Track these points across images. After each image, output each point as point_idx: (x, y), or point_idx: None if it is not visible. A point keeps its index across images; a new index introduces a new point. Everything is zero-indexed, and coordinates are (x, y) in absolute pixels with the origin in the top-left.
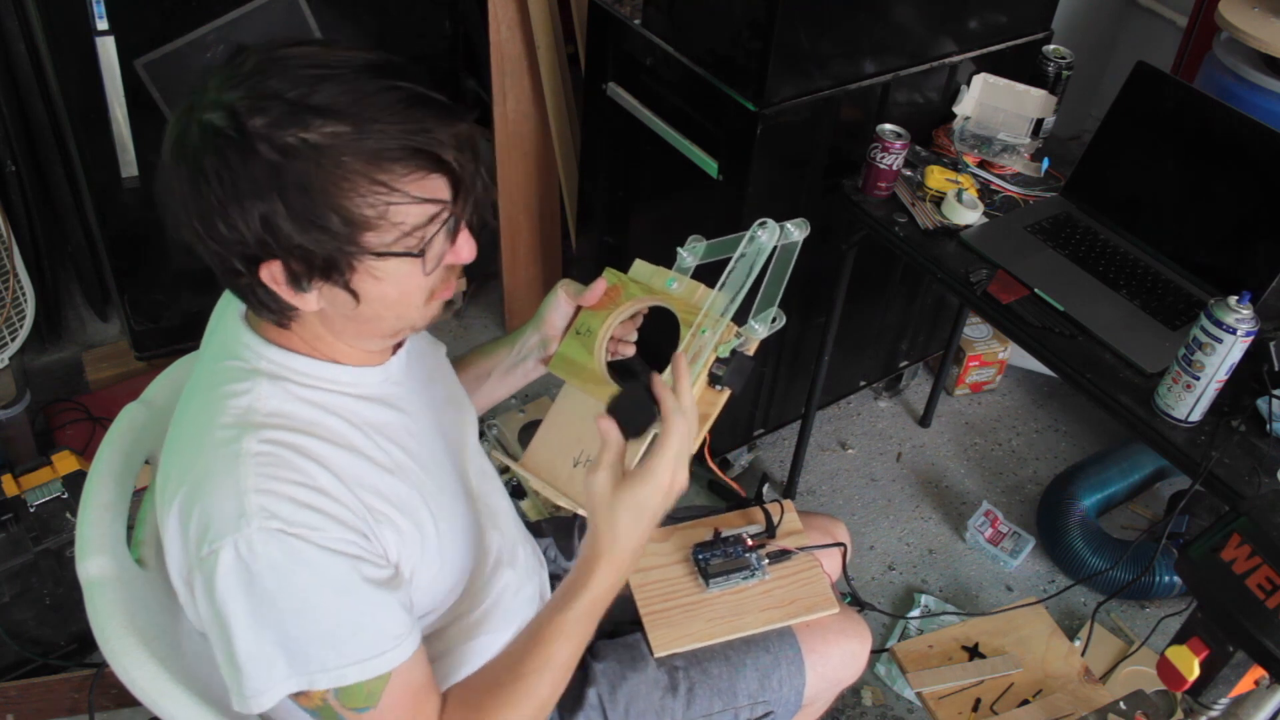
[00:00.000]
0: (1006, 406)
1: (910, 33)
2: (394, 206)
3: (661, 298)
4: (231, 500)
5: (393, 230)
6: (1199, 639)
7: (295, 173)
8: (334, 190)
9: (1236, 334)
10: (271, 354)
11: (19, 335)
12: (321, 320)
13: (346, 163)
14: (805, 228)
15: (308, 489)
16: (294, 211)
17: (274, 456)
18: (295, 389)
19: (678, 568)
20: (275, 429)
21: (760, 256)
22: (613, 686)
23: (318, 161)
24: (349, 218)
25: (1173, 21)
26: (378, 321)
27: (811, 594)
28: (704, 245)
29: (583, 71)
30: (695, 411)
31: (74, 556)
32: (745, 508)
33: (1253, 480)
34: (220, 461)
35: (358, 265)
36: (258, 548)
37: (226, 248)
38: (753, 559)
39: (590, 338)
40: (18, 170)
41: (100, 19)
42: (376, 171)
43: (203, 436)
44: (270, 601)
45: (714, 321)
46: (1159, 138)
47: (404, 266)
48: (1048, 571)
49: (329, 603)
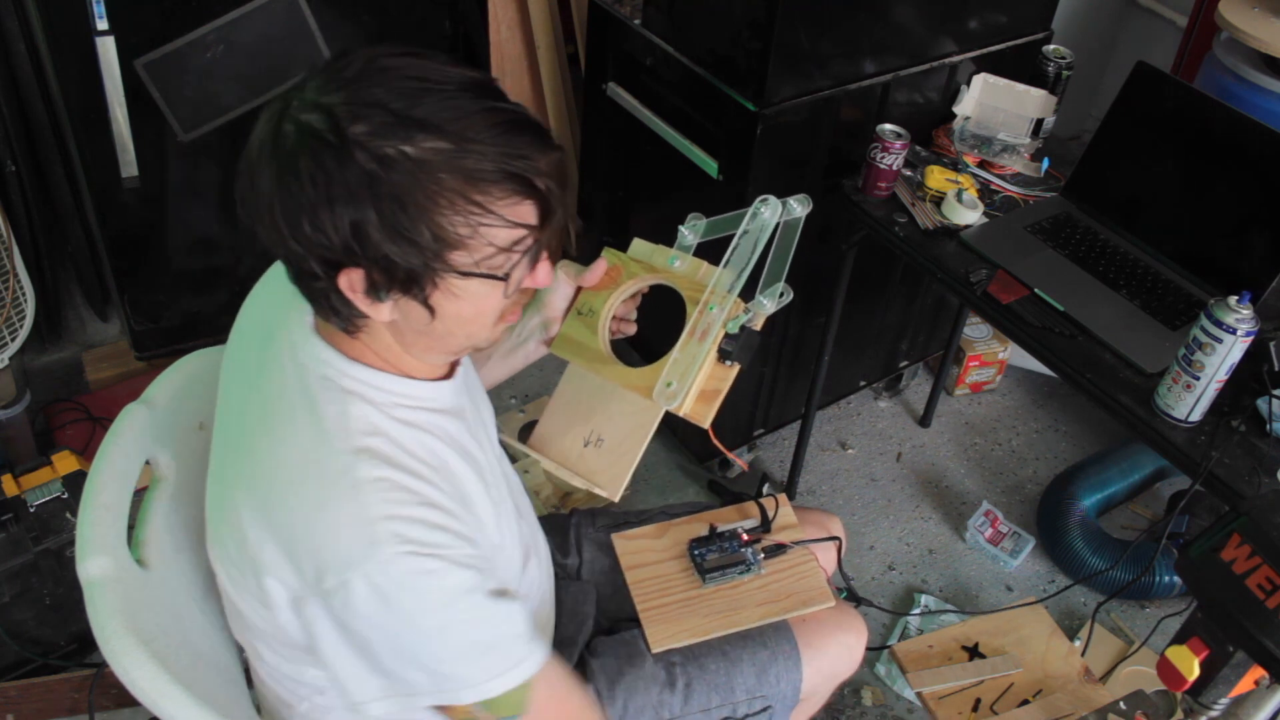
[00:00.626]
0: (1006, 406)
1: (910, 33)
2: (485, 228)
3: (664, 275)
4: (359, 529)
5: (480, 251)
6: (1199, 639)
7: (392, 184)
8: (429, 205)
9: (1236, 334)
10: (356, 372)
11: (19, 335)
12: (391, 331)
13: (443, 180)
14: (808, 204)
15: (430, 508)
16: (386, 222)
17: (391, 481)
18: (387, 409)
19: (674, 563)
20: (383, 454)
21: (764, 233)
22: (610, 683)
23: (415, 176)
24: (439, 234)
25: (1173, 21)
26: (448, 339)
27: (807, 588)
28: (705, 223)
29: (583, 71)
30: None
31: (74, 556)
32: (741, 502)
33: (1253, 480)
34: (337, 491)
35: (440, 282)
36: (393, 573)
37: (309, 249)
38: (748, 554)
39: (593, 318)
40: (18, 170)
41: (100, 19)
42: (473, 192)
43: (304, 462)
44: (410, 624)
45: (721, 298)
46: (1159, 138)
47: (484, 287)
48: (1048, 571)
49: (466, 617)
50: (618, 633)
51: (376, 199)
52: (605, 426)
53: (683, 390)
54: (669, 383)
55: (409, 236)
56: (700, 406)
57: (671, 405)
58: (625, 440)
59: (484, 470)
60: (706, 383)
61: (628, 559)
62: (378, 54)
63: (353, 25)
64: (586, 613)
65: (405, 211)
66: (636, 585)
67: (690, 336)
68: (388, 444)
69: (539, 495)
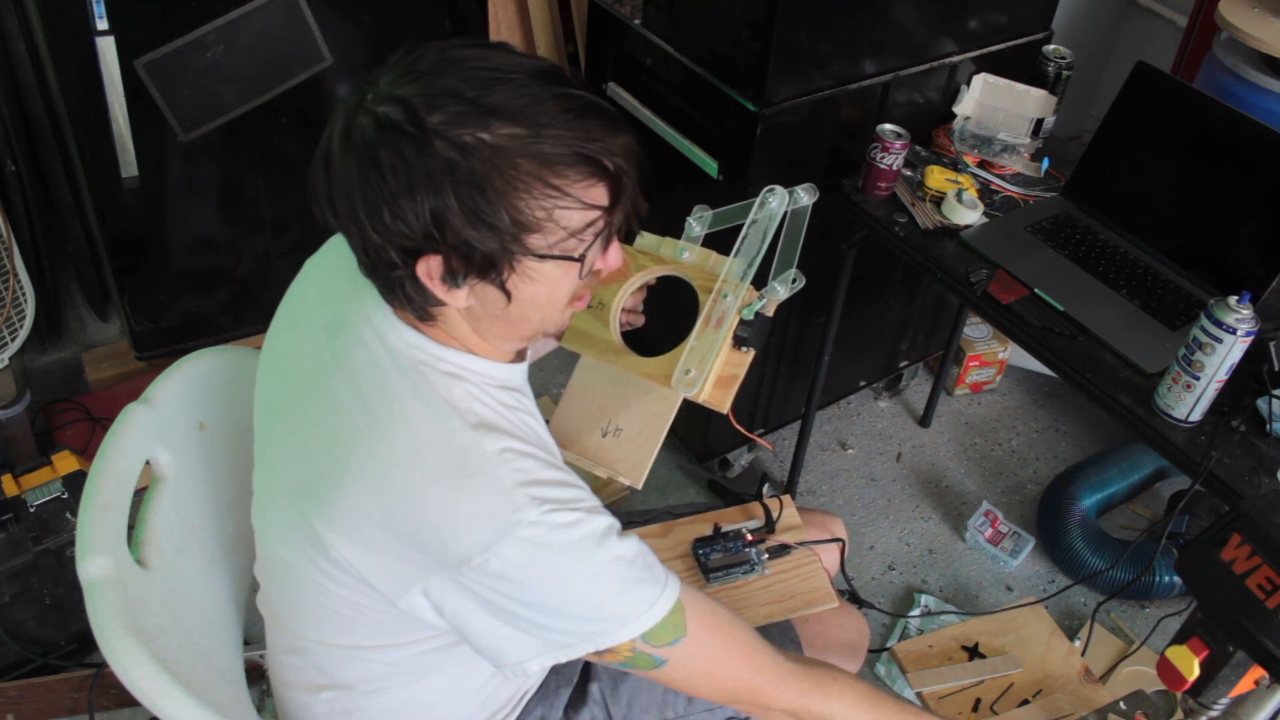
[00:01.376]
0: (1006, 406)
1: (910, 33)
2: (560, 210)
3: (674, 266)
4: (501, 499)
5: (555, 233)
6: (1199, 639)
7: (471, 170)
8: (506, 190)
9: (1236, 334)
10: (447, 355)
11: (19, 335)
12: (464, 316)
13: (520, 164)
14: (814, 192)
15: (553, 468)
16: (465, 208)
17: (515, 450)
18: (475, 389)
19: (678, 563)
20: (500, 428)
21: (772, 222)
22: (615, 682)
23: (493, 162)
24: (517, 218)
25: (1173, 21)
26: (522, 323)
27: (810, 589)
28: (711, 214)
29: (583, 71)
30: None
31: (74, 556)
32: (745, 503)
33: (1253, 480)
34: (471, 468)
35: (517, 265)
36: (539, 532)
37: (388, 239)
38: (752, 554)
39: (604, 310)
40: (18, 170)
41: (100, 19)
42: (549, 175)
43: (430, 445)
44: (566, 577)
45: (735, 286)
46: (1159, 138)
47: (559, 270)
48: (1048, 571)
49: (613, 558)
50: None
51: (456, 185)
52: (623, 416)
53: (701, 377)
54: (687, 370)
55: (488, 221)
56: (718, 392)
57: (691, 392)
58: (645, 429)
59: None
60: (723, 368)
61: None
62: (448, 47)
63: (353, 25)
64: None
65: (484, 196)
66: None
67: (706, 324)
68: (494, 420)
69: None
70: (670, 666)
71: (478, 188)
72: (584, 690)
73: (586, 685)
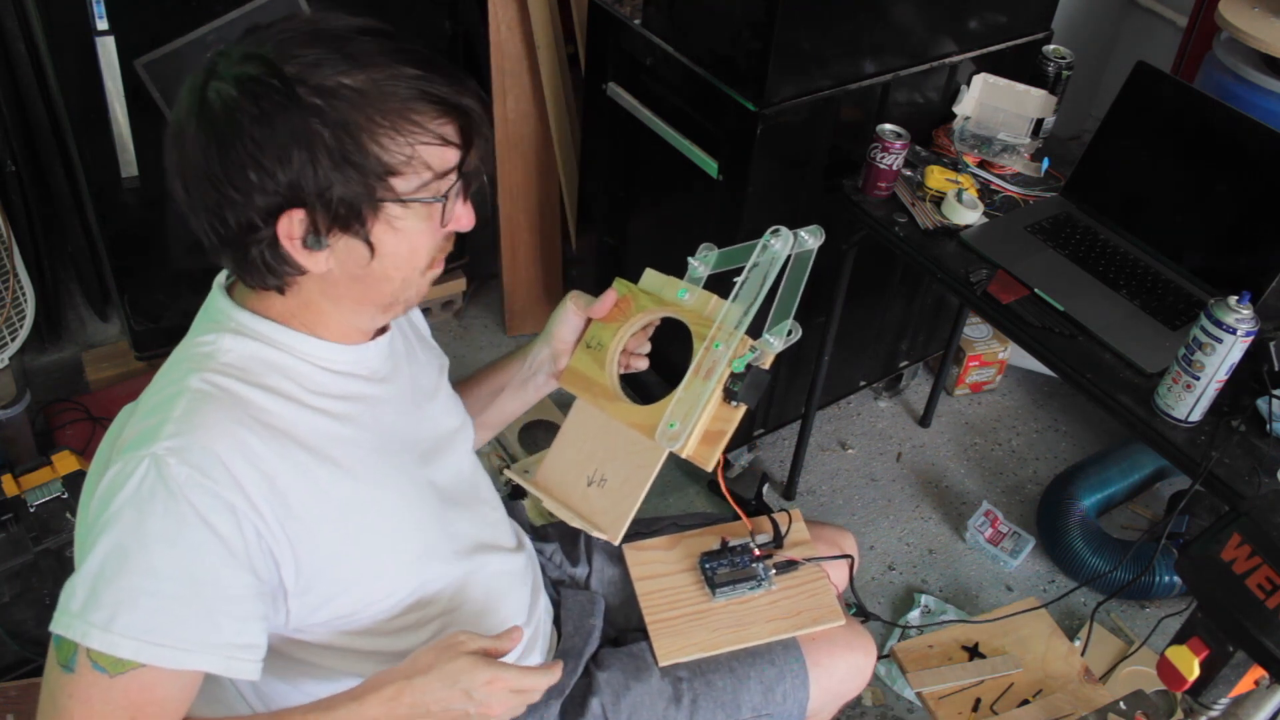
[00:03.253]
0: (1006, 406)
1: (910, 33)
2: (422, 148)
3: (673, 309)
4: (154, 421)
5: (418, 175)
6: (1199, 639)
7: (337, 112)
8: (371, 129)
9: (1236, 334)
10: (242, 317)
11: (19, 335)
12: (321, 287)
13: (381, 104)
14: (820, 235)
15: (226, 438)
16: (330, 151)
17: (209, 396)
18: (254, 346)
19: (684, 576)
20: (222, 374)
21: (774, 266)
22: (616, 696)
23: (355, 103)
24: (382, 158)
25: (1173, 21)
26: (384, 283)
27: (818, 605)
28: (716, 254)
29: (583, 71)
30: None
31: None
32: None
33: (1253, 480)
34: (163, 395)
35: (381, 213)
36: (144, 472)
37: (249, 199)
38: (760, 569)
39: (601, 351)
40: (18, 170)
41: (100, 19)
42: (410, 113)
43: (157, 380)
44: (108, 529)
45: (727, 335)
46: (1159, 138)
47: (420, 220)
48: (1048, 571)
49: (154, 559)
50: (625, 644)
51: (324, 128)
52: (609, 465)
53: (685, 431)
54: (671, 424)
55: (354, 161)
56: (704, 449)
57: (674, 446)
58: (627, 482)
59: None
60: (711, 423)
61: (638, 570)
62: (291, 19)
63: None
64: (593, 625)
65: (351, 137)
66: (646, 597)
67: (695, 374)
68: (234, 371)
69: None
70: (66, 680)
71: (344, 128)
72: (584, 704)
73: (587, 699)
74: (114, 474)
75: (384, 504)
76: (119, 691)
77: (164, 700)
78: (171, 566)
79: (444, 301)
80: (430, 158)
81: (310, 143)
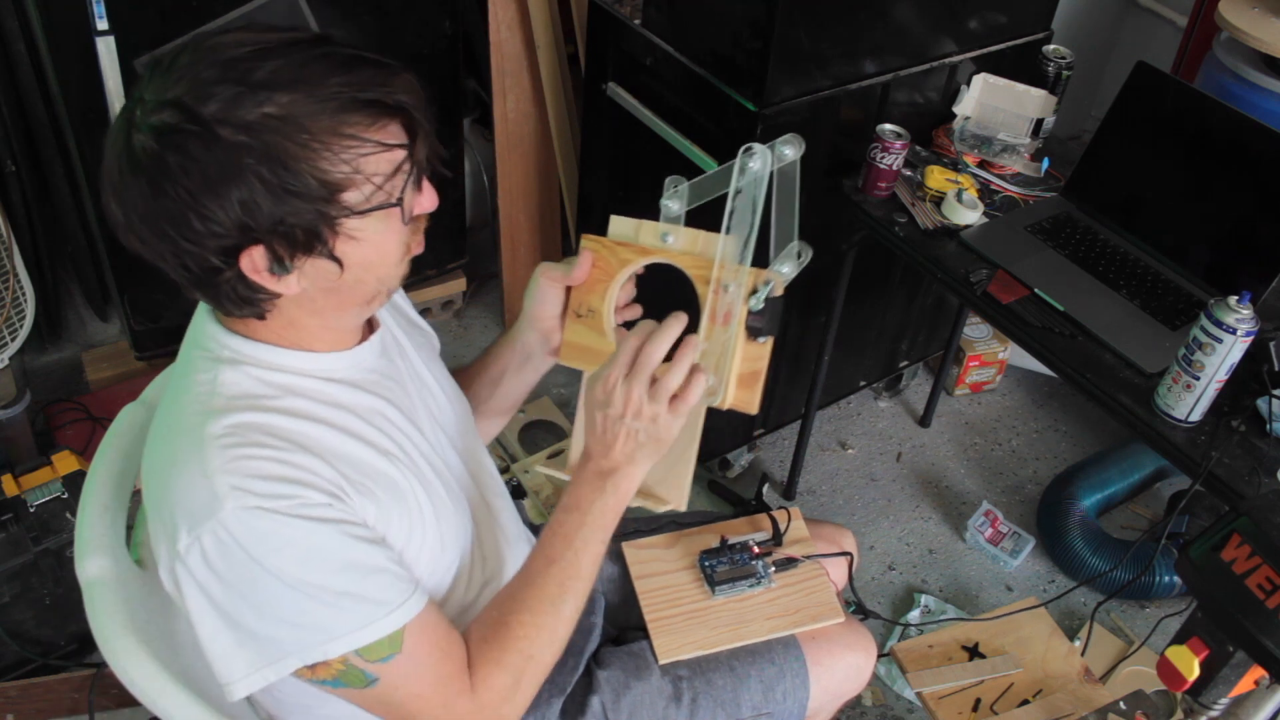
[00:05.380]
0: (1006, 406)
1: (910, 33)
2: (364, 158)
3: (660, 254)
4: (201, 486)
5: (366, 185)
6: (1199, 639)
7: (264, 145)
8: (305, 154)
9: (1236, 334)
10: (234, 343)
11: (19, 335)
12: (299, 304)
13: (309, 126)
14: (799, 144)
15: (275, 462)
16: (269, 186)
17: (237, 436)
18: (257, 372)
19: (684, 574)
20: (237, 411)
21: (759, 188)
22: (616, 695)
23: (282, 131)
24: (324, 180)
25: (1173, 21)
26: (359, 287)
27: (817, 603)
28: (687, 186)
29: (583, 71)
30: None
31: (74, 556)
32: (752, 514)
33: (1253, 480)
34: (184, 449)
35: (339, 229)
36: (237, 529)
37: (203, 245)
38: (759, 567)
39: (595, 318)
40: (18, 170)
41: (100, 19)
42: (341, 126)
43: (167, 428)
44: (264, 579)
45: (734, 272)
46: (1159, 138)
47: (381, 223)
48: (1048, 571)
49: (325, 569)
50: (625, 642)
51: (255, 165)
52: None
53: (721, 384)
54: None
55: (296, 191)
56: (743, 394)
57: (714, 401)
58: (674, 445)
59: (397, 449)
60: (743, 365)
61: (638, 568)
62: (202, 37)
63: (353, 25)
64: (594, 623)
65: (285, 168)
66: (646, 595)
67: (713, 322)
68: (245, 402)
69: (539, 495)
70: (381, 686)
71: (276, 161)
72: (584, 703)
73: (587, 697)
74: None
75: (418, 491)
76: (414, 655)
77: (443, 628)
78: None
79: (444, 301)
80: (374, 165)
81: (245, 182)
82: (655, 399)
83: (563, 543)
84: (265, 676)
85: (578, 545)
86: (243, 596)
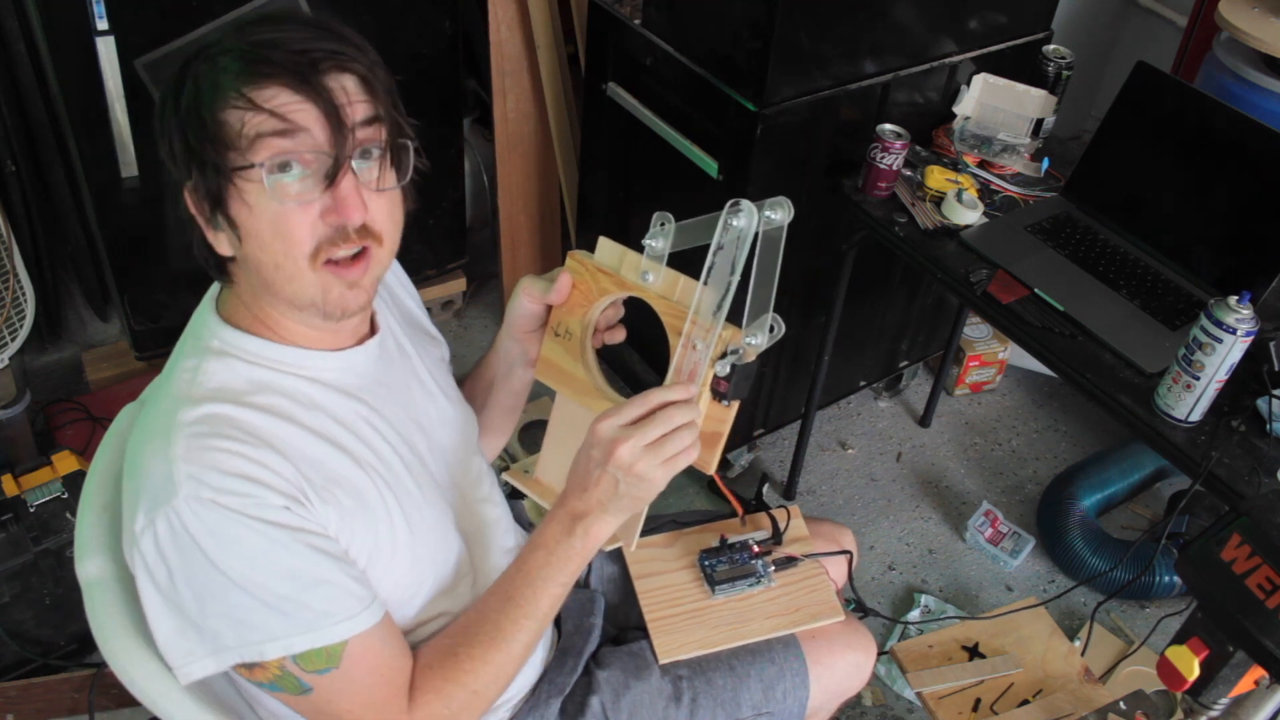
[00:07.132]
0: (1006, 406)
1: (910, 33)
2: (250, 116)
3: (638, 292)
4: (162, 471)
5: (253, 150)
6: (1199, 639)
7: (191, 87)
8: (208, 103)
9: (1236, 334)
10: (225, 334)
11: (19, 335)
12: (248, 282)
13: (222, 77)
14: (789, 209)
15: (238, 457)
16: (185, 120)
17: (206, 426)
18: (240, 366)
19: (684, 574)
20: (212, 402)
21: (743, 246)
22: (616, 695)
23: (203, 75)
24: (219, 130)
25: (1173, 21)
26: (260, 269)
27: (817, 601)
28: (674, 228)
29: (583, 71)
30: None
31: (74, 556)
32: (752, 514)
33: (1253, 480)
34: (156, 433)
35: (230, 188)
36: (189, 518)
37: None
38: (759, 566)
39: (571, 340)
40: (18, 170)
41: (100, 19)
42: (245, 85)
43: (148, 412)
44: (209, 572)
45: (705, 331)
46: (1159, 138)
47: (273, 201)
48: (1048, 571)
49: (270, 571)
50: (625, 642)
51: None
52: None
53: None
54: None
55: (198, 130)
56: (704, 454)
57: None
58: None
59: (376, 460)
60: (705, 425)
61: (637, 568)
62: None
63: (354, 25)
64: (593, 624)
65: (198, 105)
66: (646, 594)
67: (677, 376)
68: (222, 394)
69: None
70: (315, 697)
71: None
72: (584, 703)
73: (587, 698)
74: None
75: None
76: (351, 673)
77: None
78: (266, 572)
79: (444, 301)
80: (260, 127)
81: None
82: (651, 457)
83: (524, 580)
84: (205, 667)
85: (538, 584)
86: (187, 584)
